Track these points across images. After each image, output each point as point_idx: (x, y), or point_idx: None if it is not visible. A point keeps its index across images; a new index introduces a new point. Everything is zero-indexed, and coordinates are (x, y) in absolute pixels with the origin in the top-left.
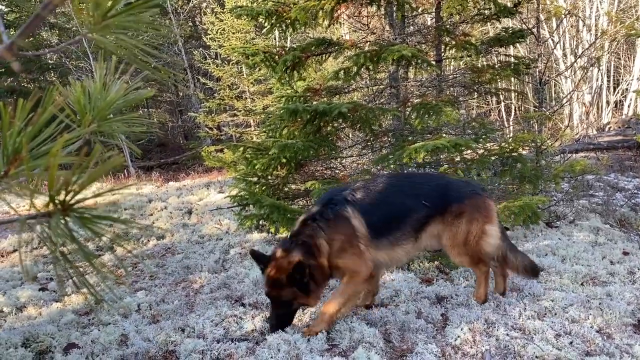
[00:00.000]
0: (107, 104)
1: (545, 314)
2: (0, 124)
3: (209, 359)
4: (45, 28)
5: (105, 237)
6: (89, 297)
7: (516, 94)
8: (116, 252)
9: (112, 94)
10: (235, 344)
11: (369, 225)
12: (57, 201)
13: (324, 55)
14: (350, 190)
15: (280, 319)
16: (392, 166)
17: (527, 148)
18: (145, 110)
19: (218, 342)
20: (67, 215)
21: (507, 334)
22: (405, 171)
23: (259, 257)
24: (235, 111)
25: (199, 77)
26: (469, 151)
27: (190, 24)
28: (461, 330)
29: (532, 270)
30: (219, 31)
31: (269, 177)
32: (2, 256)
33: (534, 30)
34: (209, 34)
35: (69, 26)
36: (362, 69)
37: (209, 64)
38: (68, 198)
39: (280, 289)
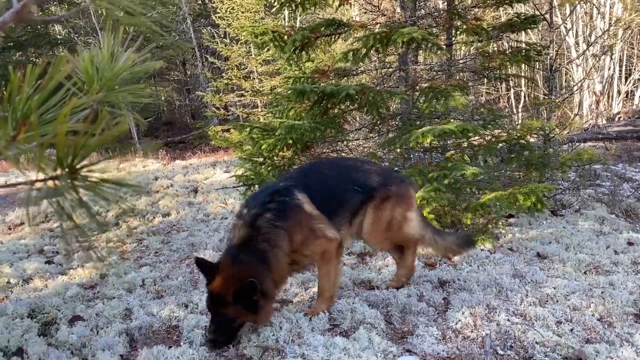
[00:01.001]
0: (115, 74)
1: (547, 301)
2: (9, 88)
3: None
4: (55, 2)
5: (111, 200)
6: (93, 271)
7: (526, 80)
8: (122, 227)
9: (120, 64)
10: None
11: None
12: (65, 165)
13: (333, 36)
14: (290, 179)
15: (220, 336)
16: (398, 150)
17: (535, 136)
18: (154, 89)
19: None
20: (74, 178)
21: (508, 320)
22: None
23: (204, 267)
24: (243, 91)
25: (207, 56)
26: (476, 137)
27: (200, 1)
28: (462, 314)
29: (466, 242)
30: (228, 10)
31: (275, 157)
32: (10, 229)
33: (547, 16)
34: (218, 13)
35: (78, 1)
36: (371, 51)
37: (217, 43)
38: (76, 162)
39: (224, 306)
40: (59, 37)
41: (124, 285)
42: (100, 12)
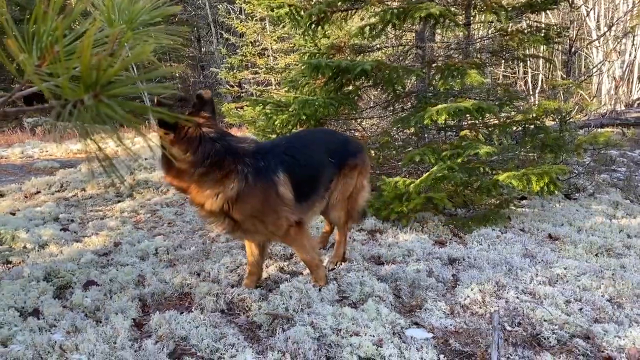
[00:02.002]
0: (134, 15)
1: (557, 280)
2: (33, 16)
3: (223, 302)
4: None
5: (130, 122)
6: (107, 238)
7: (544, 62)
8: (136, 198)
9: (139, 5)
10: (249, 289)
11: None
12: (89, 88)
13: (350, 11)
14: (277, 155)
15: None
16: (412, 128)
17: (551, 118)
18: (168, 64)
19: (232, 287)
20: (99, 99)
21: (517, 297)
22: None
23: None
24: (257, 68)
25: (222, 32)
26: (491, 117)
27: None
28: (471, 290)
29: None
30: None
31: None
32: (26, 197)
33: None
34: None
35: None
36: (388, 27)
37: (233, 19)
38: (100, 83)
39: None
40: None
41: (137, 254)
42: None
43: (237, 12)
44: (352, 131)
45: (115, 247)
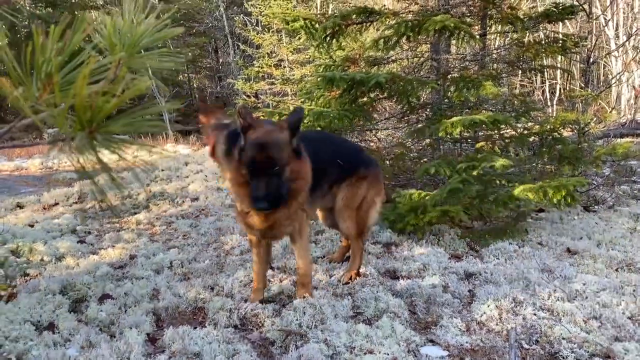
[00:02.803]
0: (136, 40)
1: (576, 296)
2: (31, 48)
3: (236, 318)
4: None
5: (128, 158)
6: (123, 251)
7: (562, 72)
8: (152, 210)
9: (141, 29)
10: (262, 305)
11: None
12: (84, 125)
13: (364, 24)
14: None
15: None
16: (427, 140)
17: (569, 129)
18: (186, 75)
19: (245, 302)
20: (93, 137)
21: (535, 314)
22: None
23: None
24: (273, 79)
25: (239, 43)
26: (508, 129)
27: None
28: (488, 307)
29: None
30: None
31: None
32: (45, 208)
33: (586, 6)
34: (251, 1)
35: None
36: (402, 39)
37: (250, 31)
38: (95, 121)
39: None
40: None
41: (152, 266)
42: None
43: (254, 24)
44: (367, 142)
45: (131, 259)
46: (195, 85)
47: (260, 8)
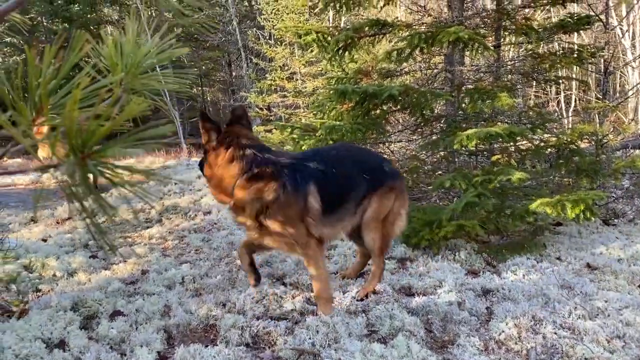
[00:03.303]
0: (139, 60)
1: (598, 314)
2: (21, 69)
3: (248, 336)
4: (107, 4)
5: (125, 187)
6: (135, 266)
7: (578, 82)
8: (164, 224)
9: (144, 49)
10: (274, 322)
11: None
12: (76, 151)
13: (377, 36)
14: (308, 169)
15: None
16: (442, 153)
17: (586, 141)
18: (199, 88)
19: (258, 320)
20: (84, 164)
21: (555, 333)
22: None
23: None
24: (286, 92)
25: (252, 57)
26: (524, 141)
27: (246, 3)
28: (506, 325)
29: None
30: (274, 11)
31: None
32: (58, 223)
33: (602, 16)
34: (264, 14)
35: (129, 3)
36: (416, 51)
37: (262, 44)
38: (87, 146)
39: None
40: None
41: (164, 282)
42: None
43: (267, 38)
44: (381, 154)
45: (143, 275)
46: (208, 98)
47: (273, 22)
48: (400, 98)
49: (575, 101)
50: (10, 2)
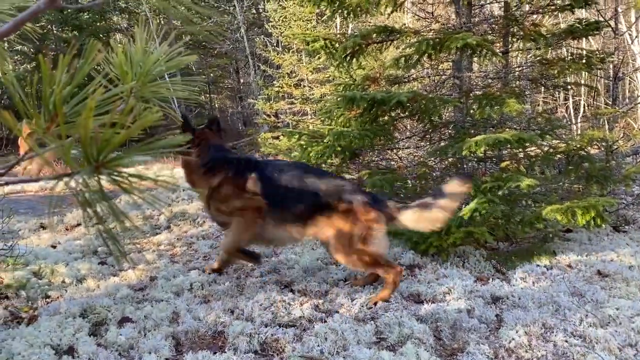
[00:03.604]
0: (148, 68)
1: (609, 322)
2: (37, 78)
3: (256, 343)
4: (116, 12)
5: (135, 196)
6: (144, 273)
7: (587, 88)
8: (173, 231)
9: (153, 57)
10: (282, 329)
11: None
12: (91, 160)
13: (384, 43)
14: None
15: None
16: (450, 159)
17: (596, 147)
18: (207, 95)
19: (266, 327)
20: (99, 172)
21: (566, 341)
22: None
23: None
24: (293, 99)
25: (260, 64)
26: (533, 147)
27: (254, 11)
28: (516, 332)
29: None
30: (281, 18)
31: (324, 165)
32: (67, 229)
33: (611, 22)
34: (271, 22)
35: (138, 11)
36: (423, 57)
37: (270, 51)
38: (101, 156)
39: None
40: (118, 25)
41: (172, 289)
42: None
43: (274, 45)
44: (388, 161)
45: (151, 281)
46: (216, 105)
47: (280, 29)
48: (408, 104)
49: (585, 107)
50: (25, 12)
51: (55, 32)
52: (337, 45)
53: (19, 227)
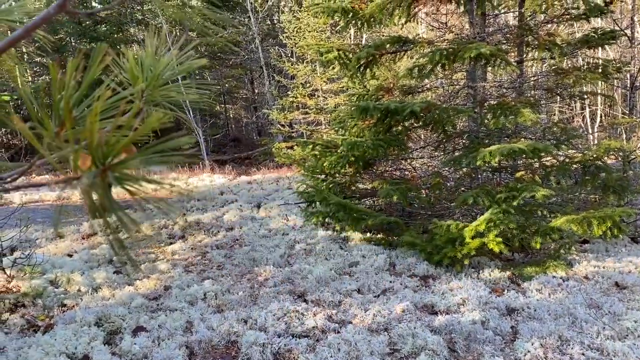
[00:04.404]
0: (158, 72)
1: (627, 335)
2: (45, 83)
3: (269, 353)
4: (133, 24)
5: (145, 201)
6: (158, 282)
7: (603, 98)
8: (187, 240)
9: (163, 61)
10: (295, 339)
11: None
12: (98, 163)
13: (398, 53)
14: None
15: None
16: (464, 169)
17: (613, 157)
18: (223, 105)
19: (279, 337)
20: (105, 175)
21: (583, 354)
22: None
23: None
24: (307, 109)
25: (274, 74)
26: (548, 157)
27: (268, 22)
28: (532, 345)
29: None
30: (295, 29)
31: (337, 175)
32: (83, 238)
33: (627, 31)
34: (286, 33)
35: (155, 22)
36: (437, 67)
37: (284, 62)
38: (108, 158)
39: None
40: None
41: (186, 298)
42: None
43: (289, 55)
44: (402, 171)
45: (165, 291)
46: (231, 115)
47: (294, 40)
48: (422, 114)
49: (601, 117)
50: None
51: (73, 43)
52: (350, 55)
53: (36, 236)
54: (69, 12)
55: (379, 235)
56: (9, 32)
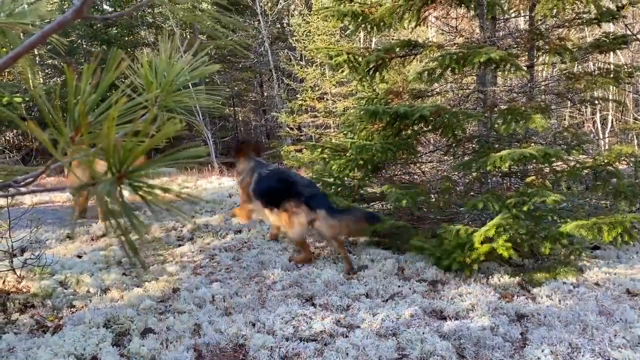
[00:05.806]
0: (172, 78)
1: (639, 343)
2: (59, 89)
3: (277, 357)
4: (144, 27)
5: (157, 206)
6: (167, 284)
7: (614, 103)
8: (196, 242)
9: (177, 66)
10: (303, 343)
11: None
12: (114, 170)
13: (407, 57)
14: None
15: None
16: (474, 174)
17: (624, 163)
18: (232, 108)
19: (287, 340)
20: (121, 183)
21: None
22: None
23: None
24: (316, 112)
25: (283, 77)
26: (559, 162)
27: (278, 25)
28: (542, 352)
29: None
30: (305, 33)
31: (345, 178)
32: (93, 239)
33: (639, 36)
34: (295, 36)
35: (165, 25)
36: (447, 71)
37: (294, 65)
38: (124, 166)
39: None
40: (145, 40)
41: (194, 300)
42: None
43: (298, 59)
44: (411, 175)
45: (174, 293)
46: (240, 118)
47: (304, 43)
48: (431, 118)
49: (613, 122)
50: (52, 24)
51: (84, 46)
52: (360, 59)
53: (46, 237)
54: (85, 18)
55: (387, 240)
56: (21, 34)
